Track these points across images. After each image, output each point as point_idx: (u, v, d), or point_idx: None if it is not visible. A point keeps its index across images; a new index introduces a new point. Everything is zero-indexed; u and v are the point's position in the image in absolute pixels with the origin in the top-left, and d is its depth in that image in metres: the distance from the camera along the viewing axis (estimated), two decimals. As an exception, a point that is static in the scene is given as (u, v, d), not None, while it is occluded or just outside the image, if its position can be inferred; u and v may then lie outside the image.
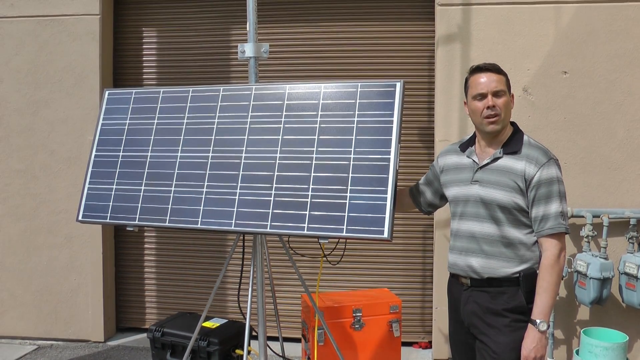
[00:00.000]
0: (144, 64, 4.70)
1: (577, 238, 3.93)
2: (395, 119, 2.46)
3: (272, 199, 2.53)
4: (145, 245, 4.76)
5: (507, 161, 2.29)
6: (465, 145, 2.46)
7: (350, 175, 2.45)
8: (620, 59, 3.88)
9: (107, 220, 2.80)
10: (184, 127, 2.79)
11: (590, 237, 3.81)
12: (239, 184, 2.60)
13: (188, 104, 2.82)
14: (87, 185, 2.89)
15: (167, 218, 2.68)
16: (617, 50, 3.88)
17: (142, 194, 2.76)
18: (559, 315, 4.00)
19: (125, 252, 4.78)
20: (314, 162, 2.52)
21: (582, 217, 3.84)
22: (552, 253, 2.22)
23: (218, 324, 3.58)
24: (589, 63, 3.91)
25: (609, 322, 3.94)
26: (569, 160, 3.92)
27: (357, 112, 2.53)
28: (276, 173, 2.56)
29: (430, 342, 4.41)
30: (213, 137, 2.72)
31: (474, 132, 2.45)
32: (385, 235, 2.33)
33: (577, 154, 3.94)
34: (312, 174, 2.50)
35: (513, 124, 2.40)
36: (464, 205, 2.38)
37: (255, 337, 2.91)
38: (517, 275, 2.27)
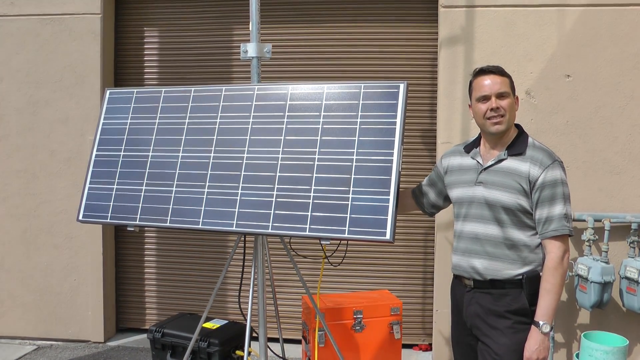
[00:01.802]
0: (146, 64, 4.69)
1: (578, 242, 3.92)
2: (398, 120, 2.46)
3: (273, 199, 2.52)
4: (146, 246, 4.75)
5: (511, 163, 2.28)
6: (470, 147, 2.45)
7: (353, 176, 2.44)
8: (624, 63, 3.88)
9: (108, 220, 2.79)
10: (185, 127, 2.78)
11: (591, 241, 3.79)
12: (241, 185, 2.59)
13: (190, 104, 2.81)
14: (87, 185, 2.88)
15: (168, 218, 2.67)
16: (621, 54, 3.88)
17: (143, 194, 2.75)
18: (559, 319, 3.99)
19: (125, 253, 4.77)
20: (316, 163, 2.51)
21: (584, 221, 3.83)
22: (556, 255, 2.21)
23: (218, 325, 3.57)
24: (592, 67, 3.91)
25: (609, 326, 3.93)
26: (571, 163, 3.91)
27: (360, 113, 2.52)
28: (278, 174, 2.55)
29: (430, 345, 4.40)
30: (215, 137, 2.71)
31: (479, 134, 2.45)
32: (388, 236, 2.33)
33: (579, 157, 3.93)
34: (315, 175, 2.49)
35: (518, 126, 2.39)
36: (467, 207, 2.37)
37: (256, 339, 2.90)
38: (520, 277, 2.26)
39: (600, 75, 3.90)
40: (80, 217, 2.86)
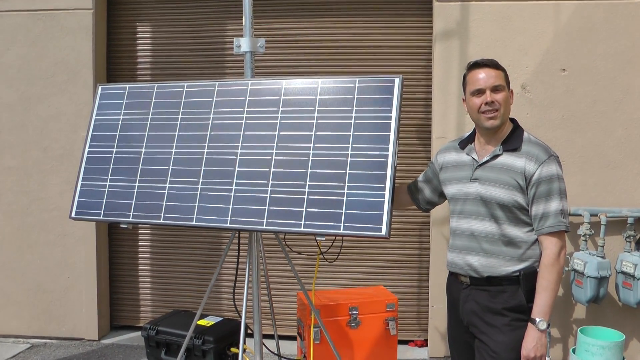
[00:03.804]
0: (138, 59, 4.65)
1: (574, 237, 3.91)
2: (393, 115, 2.43)
3: (268, 195, 2.49)
4: (140, 243, 4.72)
5: (506, 158, 2.26)
6: (465, 143, 2.43)
7: (348, 171, 2.42)
8: (619, 57, 3.86)
9: (101, 218, 2.76)
10: (178, 122, 2.75)
11: (587, 236, 3.79)
12: (235, 181, 2.56)
13: (183, 99, 2.78)
14: (80, 182, 2.85)
15: (162, 215, 2.64)
16: (616, 48, 3.86)
17: (136, 190, 2.72)
18: (555, 314, 3.99)
19: (119, 250, 4.74)
20: (310, 158, 2.48)
21: (580, 215, 3.82)
22: (552, 251, 2.20)
23: (213, 322, 3.55)
24: (587, 61, 3.89)
25: (605, 320, 3.93)
26: (567, 158, 3.90)
27: (354, 108, 2.50)
28: (272, 169, 2.52)
29: (426, 340, 4.39)
30: (208, 133, 2.68)
31: (474, 129, 2.42)
32: (383, 232, 2.30)
33: (575, 152, 3.92)
34: (309, 171, 2.47)
35: (513, 120, 2.37)
36: (463, 203, 2.35)
37: (251, 335, 2.88)
38: (517, 274, 2.24)
39: (596, 69, 3.89)
40: (73, 215, 2.83)
